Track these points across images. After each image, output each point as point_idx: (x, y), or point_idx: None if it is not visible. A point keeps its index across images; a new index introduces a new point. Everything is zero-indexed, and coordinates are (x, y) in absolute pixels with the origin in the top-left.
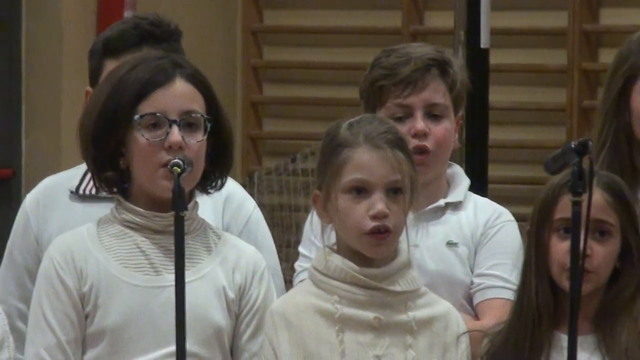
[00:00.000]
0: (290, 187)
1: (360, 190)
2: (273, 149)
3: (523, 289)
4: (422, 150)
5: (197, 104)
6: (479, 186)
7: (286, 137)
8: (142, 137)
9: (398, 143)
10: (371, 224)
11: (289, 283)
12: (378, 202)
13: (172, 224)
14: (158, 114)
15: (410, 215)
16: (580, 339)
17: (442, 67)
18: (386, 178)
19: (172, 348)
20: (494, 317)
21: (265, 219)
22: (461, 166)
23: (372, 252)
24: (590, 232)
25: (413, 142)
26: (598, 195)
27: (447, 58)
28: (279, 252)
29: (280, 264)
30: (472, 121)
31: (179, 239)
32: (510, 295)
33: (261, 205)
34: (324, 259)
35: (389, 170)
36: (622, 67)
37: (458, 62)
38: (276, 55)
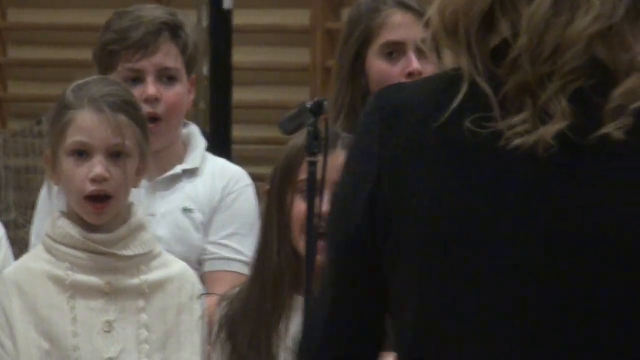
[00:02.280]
0: (37, 150)
1: (82, 153)
2: (19, 112)
3: (264, 251)
4: (153, 119)
5: None
6: (223, 147)
7: (32, 100)
8: None
9: (122, 106)
10: (90, 188)
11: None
12: (97, 166)
13: None
14: None
15: (145, 183)
16: None
17: (173, 30)
18: (107, 141)
19: None
20: (223, 290)
21: (12, 181)
22: (205, 127)
23: (91, 219)
24: (330, 194)
25: (145, 109)
26: (342, 157)
27: (178, 21)
28: (24, 214)
29: (27, 225)
30: (215, 82)
31: None
32: (241, 268)
33: (7, 167)
34: (53, 224)
35: (110, 133)
36: (355, 32)
37: (190, 24)
38: (20, 16)
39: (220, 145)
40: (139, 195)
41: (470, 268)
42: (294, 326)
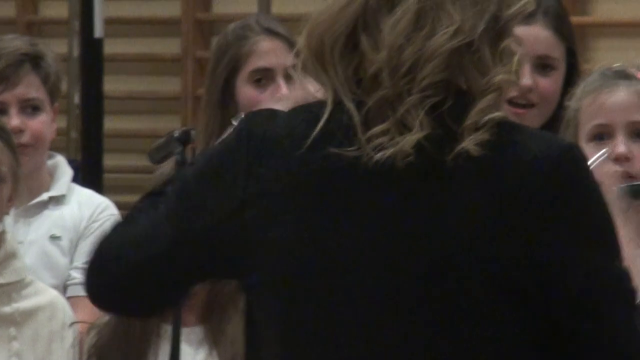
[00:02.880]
0: None
1: None
2: None
3: None
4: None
5: None
6: (94, 176)
7: None
8: None
9: None
10: None
11: None
12: None
13: None
14: None
15: (13, 211)
16: (187, 331)
17: (34, 60)
18: None
19: None
20: (86, 315)
21: None
22: (77, 156)
23: None
24: None
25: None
26: None
27: (39, 51)
28: None
29: None
30: (87, 111)
31: None
32: None
33: None
34: None
35: None
36: (223, 60)
37: (51, 54)
38: None
39: (91, 173)
40: (6, 223)
41: (335, 298)
42: (163, 356)
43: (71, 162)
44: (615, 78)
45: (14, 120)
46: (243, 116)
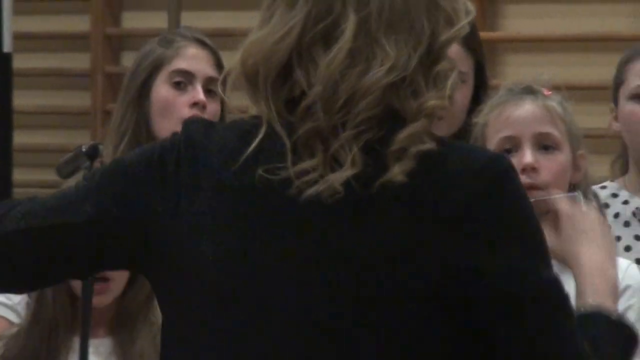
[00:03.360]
0: None
1: None
2: None
3: (40, 294)
4: None
5: None
6: (3, 190)
7: None
8: None
9: None
10: None
11: None
12: None
13: None
14: None
15: None
16: (96, 343)
17: None
18: None
19: None
20: None
21: None
22: None
23: None
24: None
25: None
26: None
27: None
28: None
29: None
30: None
31: None
32: (5, 312)
33: None
34: None
35: None
36: (147, 59)
37: None
38: None
39: (0, 188)
40: None
41: (253, 321)
42: None
43: None
44: (521, 93)
45: None
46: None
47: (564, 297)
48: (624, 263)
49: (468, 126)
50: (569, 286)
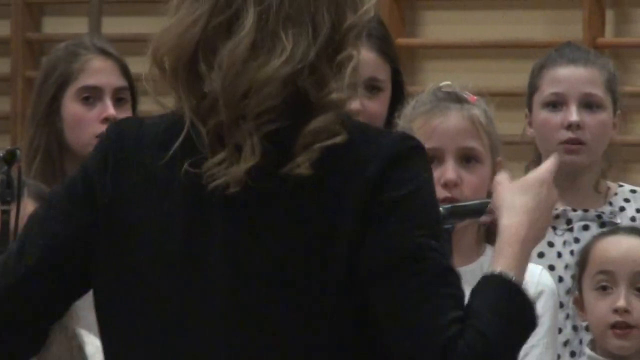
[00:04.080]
0: None
1: None
2: None
3: None
4: None
5: None
6: None
7: None
8: None
9: None
10: None
11: None
12: None
13: None
14: None
15: None
16: None
17: None
18: None
19: None
20: None
21: None
22: None
23: None
24: None
25: None
26: (30, 205)
27: None
28: None
29: None
30: None
31: None
32: None
33: None
34: None
35: None
36: (53, 75)
37: None
38: None
39: None
40: None
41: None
42: None
43: None
44: (447, 100)
45: None
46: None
47: (445, 269)
48: (536, 269)
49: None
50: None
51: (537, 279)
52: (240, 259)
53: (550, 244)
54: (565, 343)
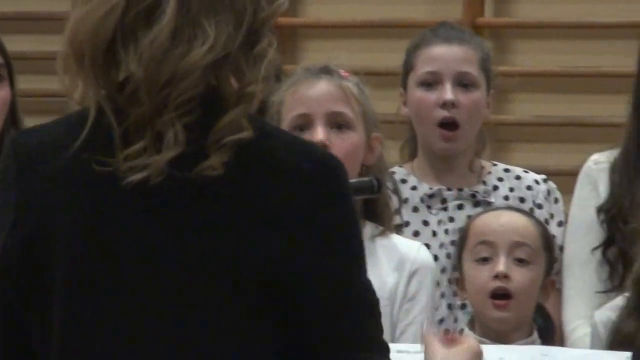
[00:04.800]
0: None
1: None
2: None
3: None
4: None
5: None
6: None
7: None
8: None
9: None
10: None
11: None
12: None
13: None
14: None
15: None
16: None
17: None
18: None
19: None
20: None
21: None
22: None
23: None
24: None
25: None
26: None
27: None
28: None
29: None
30: None
31: None
32: None
33: None
34: None
35: None
36: None
37: None
38: None
39: None
40: None
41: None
42: None
43: None
44: (318, 72)
45: None
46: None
47: (377, 301)
48: (414, 245)
49: (265, 105)
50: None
51: (414, 255)
52: (156, 254)
53: (425, 223)
54: (441, 321)
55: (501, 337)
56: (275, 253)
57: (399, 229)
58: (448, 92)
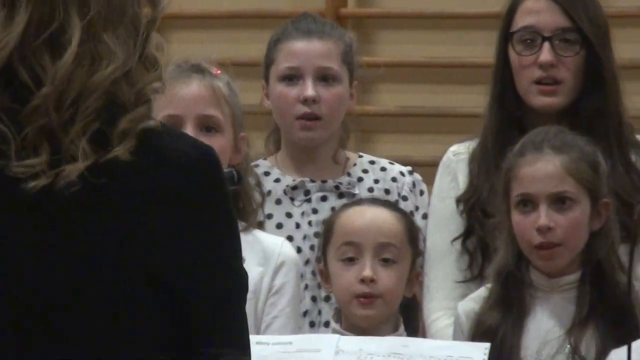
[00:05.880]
0: None
1: None
2: None
3: None
4: None
5: None
6: None
7: None
8: None
9: None
10: None
11: None
12: None
13: None
14: None
15: None
16: None
17: None
18: None
19: None
20: None
21: None
22: None
23: None
24: None
25: None
26: None
27: None
28: None
29: None
30: None
31: None
32: None
33: None
34: None
35: None
36: None
37: None
38: None
39: None
40: None
41: None
42: None
43: None
44: (190, 71)
45: None
46: None
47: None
48: (277, 240)
49: None
50: None
51: (279, 249)
52: (43, 252)
53: (289, 215)
54: (305, 313)
55: (367, 332)
56: (158, 236)
57: (261, 225)
58: (309, 89)
